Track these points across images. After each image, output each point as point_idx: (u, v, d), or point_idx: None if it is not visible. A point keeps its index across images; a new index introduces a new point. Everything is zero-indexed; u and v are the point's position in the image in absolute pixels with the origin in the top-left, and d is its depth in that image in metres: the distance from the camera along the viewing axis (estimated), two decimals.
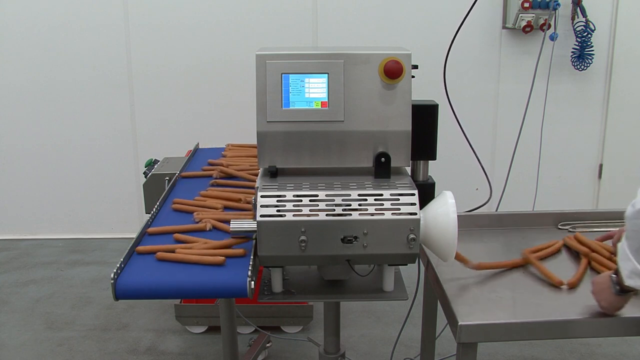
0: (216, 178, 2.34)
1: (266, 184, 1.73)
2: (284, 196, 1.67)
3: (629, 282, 1.46)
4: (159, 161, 2.86)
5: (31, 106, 4.52)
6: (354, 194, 1.68)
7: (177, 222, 1.94)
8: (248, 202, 2.06)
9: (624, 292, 1.50)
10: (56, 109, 4.51)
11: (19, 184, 4.67)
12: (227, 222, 1.82)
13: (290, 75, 1.75)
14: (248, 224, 1.70)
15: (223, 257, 1.67)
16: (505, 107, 4.43)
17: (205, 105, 4.46)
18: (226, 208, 2.05)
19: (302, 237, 1.64)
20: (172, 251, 1.72)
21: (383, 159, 1.78)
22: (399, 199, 1.67)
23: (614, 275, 1.52)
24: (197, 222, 1.92)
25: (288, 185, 1.72)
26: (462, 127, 2.25)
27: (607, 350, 3.14)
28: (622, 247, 1.49)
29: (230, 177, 2.36)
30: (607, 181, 4.60)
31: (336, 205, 1.66)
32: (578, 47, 4.24)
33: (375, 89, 1.77)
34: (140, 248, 1.77)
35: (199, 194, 2.17)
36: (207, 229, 1.87)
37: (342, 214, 1.65)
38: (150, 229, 1.89)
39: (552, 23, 4.12)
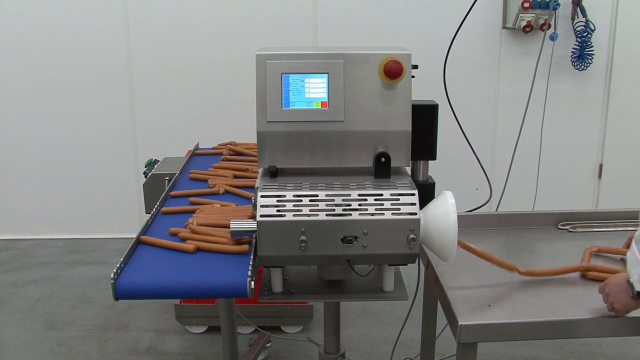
0: (226, 155, 2.65)
1: (266, 184, 1.73)
2: (284, 196, 1.67)
3: (638, 286, 1.47)
4: (159, 161, 2.86)
5: (31, 106, 4.52)
6: (354, 194, 1.68)
7: (195, 188, 2.30)
8: (254, 172, 2.39)
9: None
10: (56, 109, 4.51)
11: (19, 184, 4.67)
12: (237, 187, 2.26)
13: (290, 75, 1.75)
14: (248, 224, 1.70)
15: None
16: (505, 107, 4.43)
17: (205, 106, 4.46)
18: (235, 176, 2.41)
19: (302, 237, 1.64)
20: (192, 212, 2.00)
21: (383, 159, 1.78)
22: (399, 199, 1.67)
23: (631, 280, 1.51)
24: (212, 187, 2.25)
25: (288, 185, 1.72)
26: (462, 127, 2.25)
27: (607, 350, 3.14)
28: (632, 252, 1.50)
29: (239, 154, 2.68)
30: (607, 181, 4.60)
31: (336, 205, 1.66)
32: (578, 47, 4.24)
33: (375, 89, 1.77)
34: (165, 209, 2.07)
35: (212, 166, 2.53)
36: (220, 193, 2.22)
37: (342, 214, 1.65)
38: (173, 192, 2.24)
39: (552, 23, 4.12)
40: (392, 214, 1.65)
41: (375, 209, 1.65)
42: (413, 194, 1.68)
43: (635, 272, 1.48)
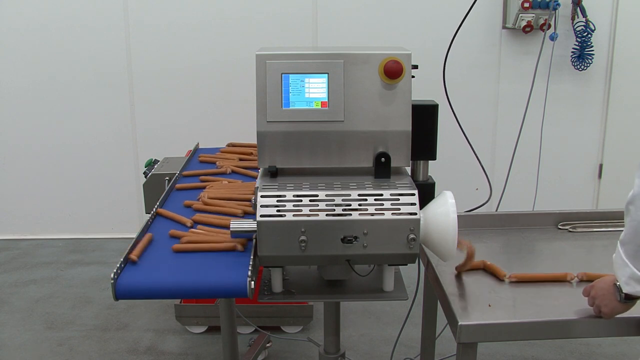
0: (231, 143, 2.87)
1: (266, 184, 1.73)
2: (284, 196, 1.67)
3: (627, 288, 1.46)
4: (159, 161, 2.86)
5: (31, 106, 4.52)
6: (354, 194, 1.68)
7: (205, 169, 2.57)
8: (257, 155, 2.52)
9: (629, 299, 1.49)
10: (56, 109, 4.51)
11: (19, 184, 4.67)
12: (243, 167, 2.51)
13: (290, 75, 1.75)
14: (248, 224, 1.70)
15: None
16: (505, 107, 4.43)
17: (205, 106, 4.46)
18: (241, 159, 2.65)
19: (302, 237, 1.63)
20: (202, 188, 2.25)
21: (383, 159, 1.78)
22: (399, 199, 1.67)
23: (618, 283, 1.50)
24: (219, 168, 2.50)
25: (288, 185, 1.72)
26: (462, 127, 2.25)
27: (607, 350, 3.14)
28: (617, 254, 1.48)
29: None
30: (607, 181, 4.60)
31: (336, 205, 1.66)
32: (578, 47, 4.24)
33: (375, 89, 1.76)
34: (179, 185, 2.32)
35: (219, 151, 2.77)
36: (228, 172, 2.46)
37: (342, 214, 1.65)
38: (185, 172, 2.49)
39: (552, 23, 4.12)
40: (392, 214, 1.65)
41: (375, 209, 1.65)
42: (413, 194, 1.68)
43: (622, 274, 1.47)
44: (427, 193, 1.86)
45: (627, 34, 4.33)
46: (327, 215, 1.64)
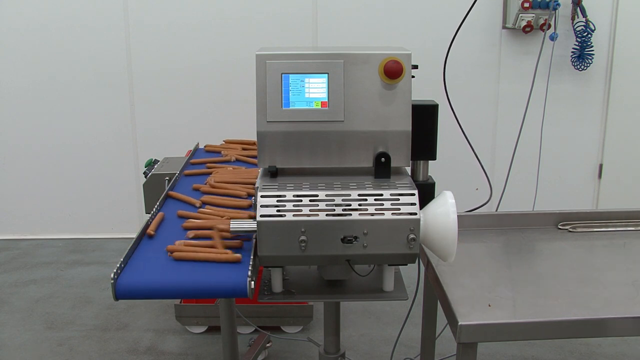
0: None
1: (266, 184, 1.73)
2: (284, 196, 1.66)
3: None
4: (159, 161, 2.86)
5: (31, 106, 4.52)
6: (354, 194, 1.67)
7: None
8: None
9: None
10: (56, 109, 4.52)
11: (19, 184, 4.67)
12: (246, 156, 2.65)
13: (290, 75, 1.75)
14: (248, 224, 1.70)
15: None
16: (505, 107, 4.43)
17: (205, 106, 4.46)
18: (244, 149, 2.79)
19: (302, 237, 1.63)
20: (209, 174, 2.38)
21: (383, 159, 1.78)
22: (399, 199, 1.67)
23: None
24: (224, 156, 2.64)
25: (288, 185, 1.72)
26: (462, 127, 2.25)
27: (607, 350, 3.14)
28: None
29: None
30: (607, 181, 4.60)
31: (336, 205, 1.66)
32: (578, 47, 4.24)
33: (375, 89, 1.76)
34: (187, 172, 2.47)
35: (223, 141, 2.89)
36: (232, 160, 2.59)
37: (342, 214, 1.65)
38: (193, 160, 2.64)
39: (552, 23, 4.12)
40: (392, 214, 1.65)
41: (375, 209, 1.65)
42: (413, 194, 1.68)
43: None
44: (427, 193, 1.86)
45: (627, 34, 4.33)
46: (327, 215, 1.64)
